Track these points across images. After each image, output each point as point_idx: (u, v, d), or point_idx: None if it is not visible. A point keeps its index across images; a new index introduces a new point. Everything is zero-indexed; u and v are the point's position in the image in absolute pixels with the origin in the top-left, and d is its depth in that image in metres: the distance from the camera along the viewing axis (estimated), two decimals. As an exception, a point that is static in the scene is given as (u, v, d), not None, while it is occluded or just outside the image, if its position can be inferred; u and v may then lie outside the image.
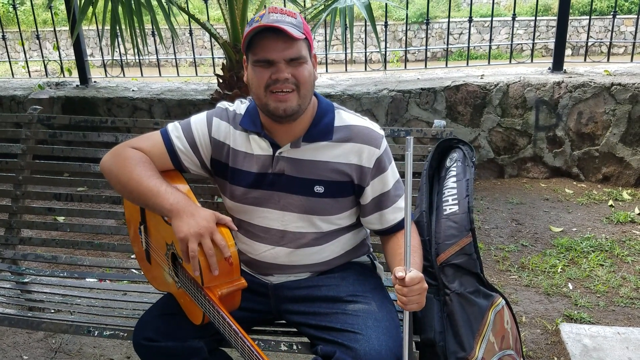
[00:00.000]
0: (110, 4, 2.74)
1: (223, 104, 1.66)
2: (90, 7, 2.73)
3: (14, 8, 4.66)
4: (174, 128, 1.63)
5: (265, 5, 3.33)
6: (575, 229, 3.32)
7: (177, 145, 1.60)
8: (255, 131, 1.57)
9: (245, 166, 1.59)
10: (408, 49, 4.57)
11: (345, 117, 1.59)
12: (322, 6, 3.01)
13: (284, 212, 1.59)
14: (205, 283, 1.44)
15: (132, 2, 2.73)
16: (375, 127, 1.59)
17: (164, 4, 2.85)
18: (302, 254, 1.62)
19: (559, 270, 2.90)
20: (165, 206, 1.45)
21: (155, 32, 3.83)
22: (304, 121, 1.55)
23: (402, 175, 1.65)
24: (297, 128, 1.55)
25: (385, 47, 4.51)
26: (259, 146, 1.57)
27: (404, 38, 4.58)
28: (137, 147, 1.60)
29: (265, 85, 1.45)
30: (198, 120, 1.62)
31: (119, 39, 2.96)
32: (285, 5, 3.51)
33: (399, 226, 1.63)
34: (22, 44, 4.78)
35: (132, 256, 3.01)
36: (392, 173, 1.61)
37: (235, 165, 1.60)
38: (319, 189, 1.55)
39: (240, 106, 1.64)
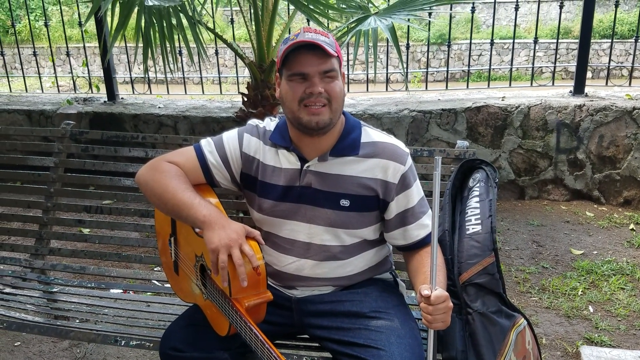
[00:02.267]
0: (143, 26, 2.82)
1: (254, 121, 1.72)
2: (122, 30, 2.81)
3: (46, 25, 4.80)
4: (206, 143, 1.69)
5: (289, 28, 3.41)
6: (596, 252, 3.31)
7: (209, 159, 1.67)
8: (284, 146, 1.63)
9: (273, 180, 1.64)
10: (429, 70, 4.62)
11: (371, 133, 1.65)
12: (346, 28, 3.08)
13: (310, 225, 1.63)
14: (233, 294, 1.47)
15: (165, 25, 2.82)
16: (400, 144, 1.65)
17: (194, 25, 2.94)
18: (327, 267, 1.65)
19: (580, 293, 2.89)
20: (199, 217, 1.50)
21: (183, 51, 3.93)
22: (332, 136, 1.61)
23: (429, 194, 1.68)
24: (325, 143, 1.60)
25: (407, 68, 4.56)
26: (287, 160, 1.63)
27: (422, 59, 4.63)
28: (172, 161, 1.66)
29: (299, 99, 1.52)
30: (230, 136, 1.69)
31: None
32: (309, 25, 3.59)
33: (423, 242, 1.65)
34: (53, 60, 4.93)
35: (156, 268, 3.06)
36: (416, 190, 1.65)
37: (264, 179, 1.65)
38: (344, 202, 1.59)
39: (270, 123, 1.71)
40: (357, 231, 1.64)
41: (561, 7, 4.25)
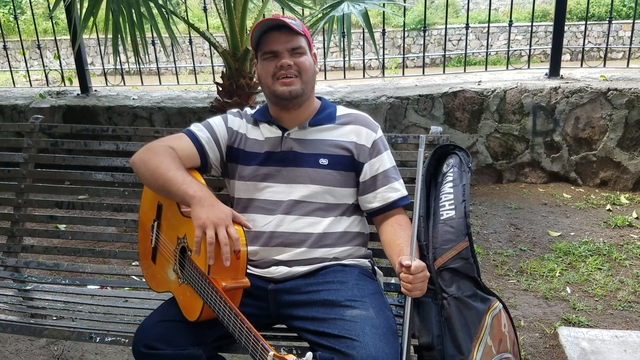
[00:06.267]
0: (111, 15, 2.77)
1: (235, 109, 1.89)
2: (91, 17, 2.76)
3: (15, 18, 4.69)
4: (194, 126, 1.82)
5: (263, 15, 3.37)
6: (573, 234, 3.34)
7: (201, 136, 1.77)
8: (265, 120, 1.79)
9: (256, 149, 1.77)
10: (406, 55, 4.61)
11: (345, 110, 1.85)
12: (320, 14, 3.04)
13: (291, 185, 1.73)
14: (212, 273, 1.49)
15: (134, 14, 2.76)
16: (372, 119, 1.84)
17: (165, 14, 2.89)
18: (305, 221, 1.72)
19: (557, 274, 2.92)
20: (189, 192, 1.55)
21: (157, 41, 3.87)
22: (309, 110, 1.78)
23: (408, 181, 1.88)
24: (303, 115, 1.77)
25: (383, 54, 4.55)
26: (269, 131, 1.78)
27: (403, 45, 4.62)
28: (167, 145, 1.73)
29: (272, 74, 1.68)
30: (215, 118, 1.84)
31: (120, 47, 3.00)
32: (283, 14, 3.55)
33: (394, 205, 1.78)
34: (24, 54, 4.82)
35: (134, 263, 3.03)
36: (388, 157, 1.80)
37: (246, 148, 1.79)
38: (323, 161, 1.73)
39: (250, 110, 1.89)
40: (335, 189, 1.74)
41: (536, -11, 4.26)
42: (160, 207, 1.77)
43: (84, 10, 2.81)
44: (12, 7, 13.91)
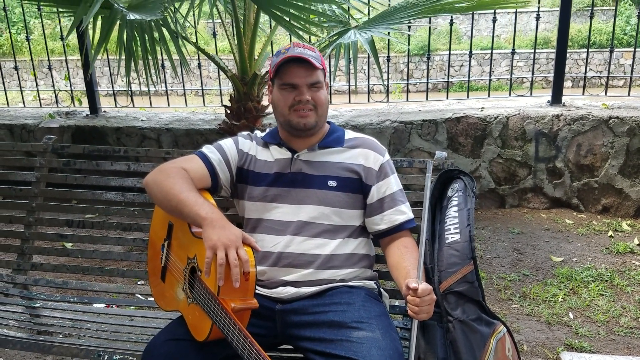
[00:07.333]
0: (125, 40, 2.83)
1: (245, 132, 1.95)
2: (104, 44, 2.81)
3: (27, 39, 4.79)
4: (205, 148, 1.87)
5: (271, 42, 3.45)
6: (575, 259, 3.37)
7: (212, 158, 1.82)
8: (275, 142, 1.85)
9: (265, 169, 1.83)
10: (410, 81, 4.68)
11: (353, 133, 1.91)
12: (327, 42, 3.12)
13: (300, 205, 1.77)
14: (221, 294, 1.51)
15: (147, 39, 2.83)
16: (379, 143, 1.90)
17: (177, 38, 2.96)
18: (313, 243, 1.75)
19: (560, 299, 2.94)
20: (201, 214, 1.58)
21: (166, 63, 3.93)
22: (318, 135, 1.84)
23: (413, 204, 1.91)
24: (314, 139, 1.83)
25: (388, 80, 4.62)
26: (278, 152, 1.84)
27: (406, 70, 4.69)
28: (179, 166, 1.78)
29: (289, 105, 1.75)
30: (226, 140, 1.90)
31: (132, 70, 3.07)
32: (290, 40, 3.63)
33: (401, 227, 1.81)
34: (34, 74, 4.91)
35: (140, 282, 3.05)
36: (395, 181, 1.85)
37: (255, 169, 1.84)
38: (332, 183, 1.78)
39: (260, 132, 1.94)
40: (343, 211, 1.78)
41: (537, 18, 4.34)
42: (171, 226, 1.81)
43: (96, 37, 2.87)
44: (19, 27, 14.12)
